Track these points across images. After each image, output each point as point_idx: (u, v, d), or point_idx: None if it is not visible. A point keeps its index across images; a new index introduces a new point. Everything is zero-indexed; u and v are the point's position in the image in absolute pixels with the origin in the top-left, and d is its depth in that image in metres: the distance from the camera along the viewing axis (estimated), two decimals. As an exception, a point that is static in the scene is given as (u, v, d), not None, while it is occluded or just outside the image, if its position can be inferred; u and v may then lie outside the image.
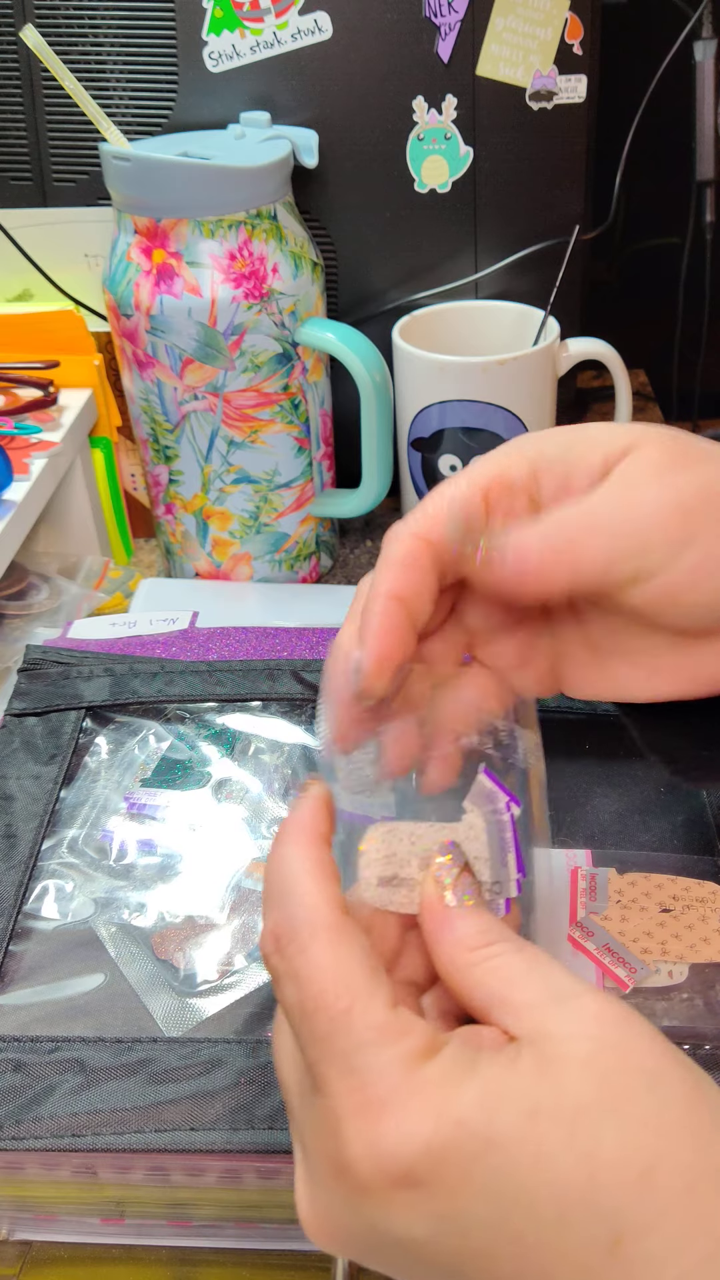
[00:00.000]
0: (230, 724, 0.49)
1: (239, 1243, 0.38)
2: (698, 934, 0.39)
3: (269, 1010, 0.38)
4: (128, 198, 0.64)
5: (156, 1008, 0.38)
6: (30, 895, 0.42)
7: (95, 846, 0.44)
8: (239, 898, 0.42)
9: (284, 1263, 0.38)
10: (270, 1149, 0.34)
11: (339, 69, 0.69)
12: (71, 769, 0.48)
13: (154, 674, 0.51)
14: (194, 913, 0.41)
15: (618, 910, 0.40)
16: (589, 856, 0.42)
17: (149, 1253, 0.39)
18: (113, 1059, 0.37)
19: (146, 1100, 0.35)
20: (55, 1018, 0.38)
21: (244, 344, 0.66)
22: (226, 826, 0.45)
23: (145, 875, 0.43)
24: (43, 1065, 0.36)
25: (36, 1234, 0.39)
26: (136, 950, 0.40)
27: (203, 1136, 0.34)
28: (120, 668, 0.51)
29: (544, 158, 0.74)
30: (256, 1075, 0.36)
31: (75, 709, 0.50)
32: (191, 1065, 0.36)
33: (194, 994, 0.39)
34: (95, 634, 0.58)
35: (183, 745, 0.48)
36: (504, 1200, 0.25)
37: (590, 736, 0.47)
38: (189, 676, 0.51)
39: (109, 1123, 0.35)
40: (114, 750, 0.48)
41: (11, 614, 0.72)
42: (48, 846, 0.44)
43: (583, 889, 0.41)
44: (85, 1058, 0.37)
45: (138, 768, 0.47)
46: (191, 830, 0.44)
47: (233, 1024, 0.38)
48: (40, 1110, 0.35)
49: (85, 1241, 0.39)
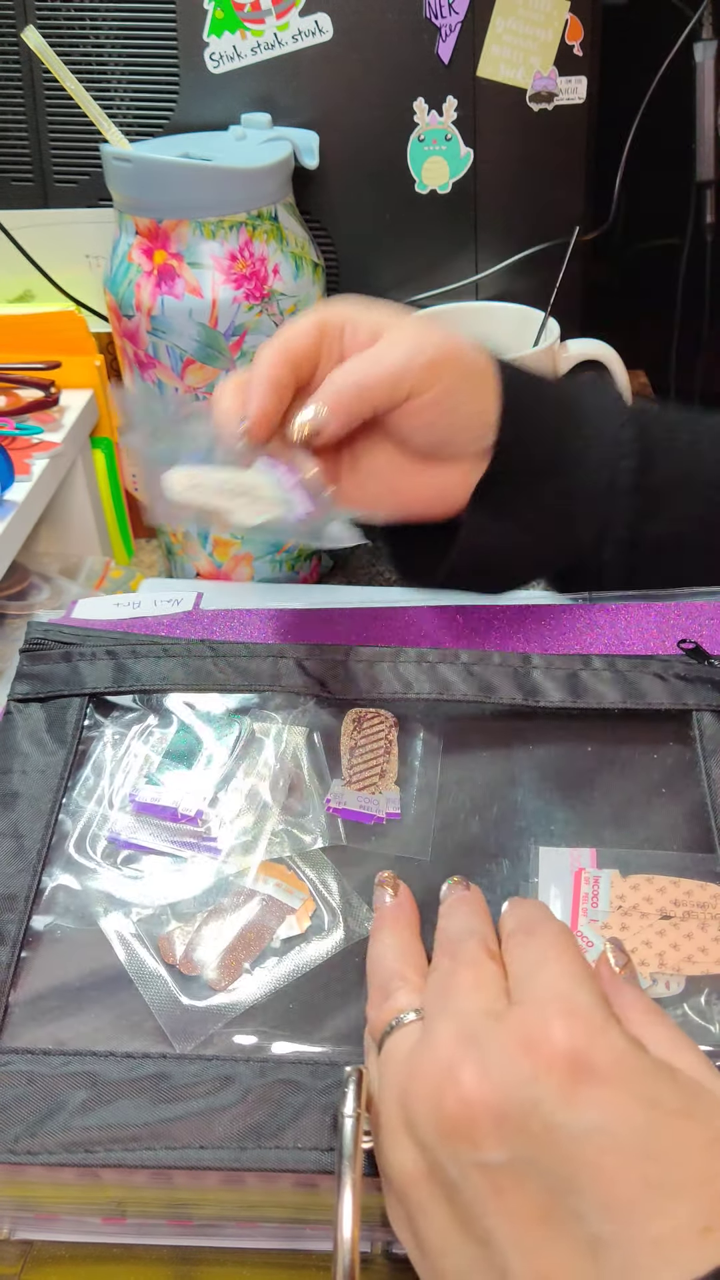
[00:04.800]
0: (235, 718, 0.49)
1: (240, 1242, 0.38)
2: (696, 943, 0.39)
3: (277, 1019, 0.38)
4: (129, 199, 0.64)
5: (165, 1018, 0.38)
6: (40, 897, 0.42)
7: (101, 847, 0.44)
8: (247, 900, 0.42)
9: (285, 1262, 0.38)
10: (278, 1169, 0.34)
11: (340, 70, 0.69)
12: (76, 763, 0.47)
13: (157, 657, 0.50)
14: (202, 915, 0.41)
15: (618, 918, 0.40)
16: (593, 856, 0.42)
17: (150, 1252, 0.39)
18: (122, 1074, 0.36)
19: (156, 1117, 0.35)
20: (66, 1025, 0.38)
21: (245, 345, 0.66)
22: (233, 826, 0.45)
23: (152, 876, 0.43)
24: (53, 1079, 0.36)
25: (37, 1233, 0.39)
26: (145, 955, 0.40)
27: (212, 1155, 0.34)
28: (123, 649, 0.51)
29: (544, 159, 0.74)
30: (265, 1093, 0.36)
31: (78, 695, 0.49)
32: (201, 1082, 0.36)
33: (202, 1001, 0.39)
34: (100, 614, 0.58)
35: (188, 739, 0.48)
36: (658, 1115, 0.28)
37: (591, 733, 0.47)
38: (192, 660, 0.50)
39: (118, 1139, 0.35)
40: (118, 742, 0.48)
41: (13, 614, 0.72)
42: (55, 846, 0.44)
43: (585, 894, 0.41)
44: (95, 1072, 0.36)
45: (143, 763, 0.47)
46: (197, 830, 0.44)
47: (241, 1035, 0.38)
48: (51, 1125, 0.35)
49: (86, 1241, 0.39)
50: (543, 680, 0.48)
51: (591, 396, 0.53)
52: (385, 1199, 0.33)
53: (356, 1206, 0.31)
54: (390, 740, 0.48)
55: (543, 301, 0.72)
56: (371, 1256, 0.37)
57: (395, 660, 0.49)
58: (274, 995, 0.39)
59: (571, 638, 0.53)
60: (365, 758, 0.47)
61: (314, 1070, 0.36)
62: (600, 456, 0.51)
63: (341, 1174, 0.31)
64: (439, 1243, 0.30)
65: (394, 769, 0.46)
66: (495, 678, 0.48)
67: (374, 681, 0.49)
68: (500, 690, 0.48)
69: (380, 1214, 0.36)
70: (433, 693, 0.48)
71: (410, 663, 0.49)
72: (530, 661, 0.49)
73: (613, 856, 0.42)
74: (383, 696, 0.48)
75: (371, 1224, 0.37)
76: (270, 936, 0.40)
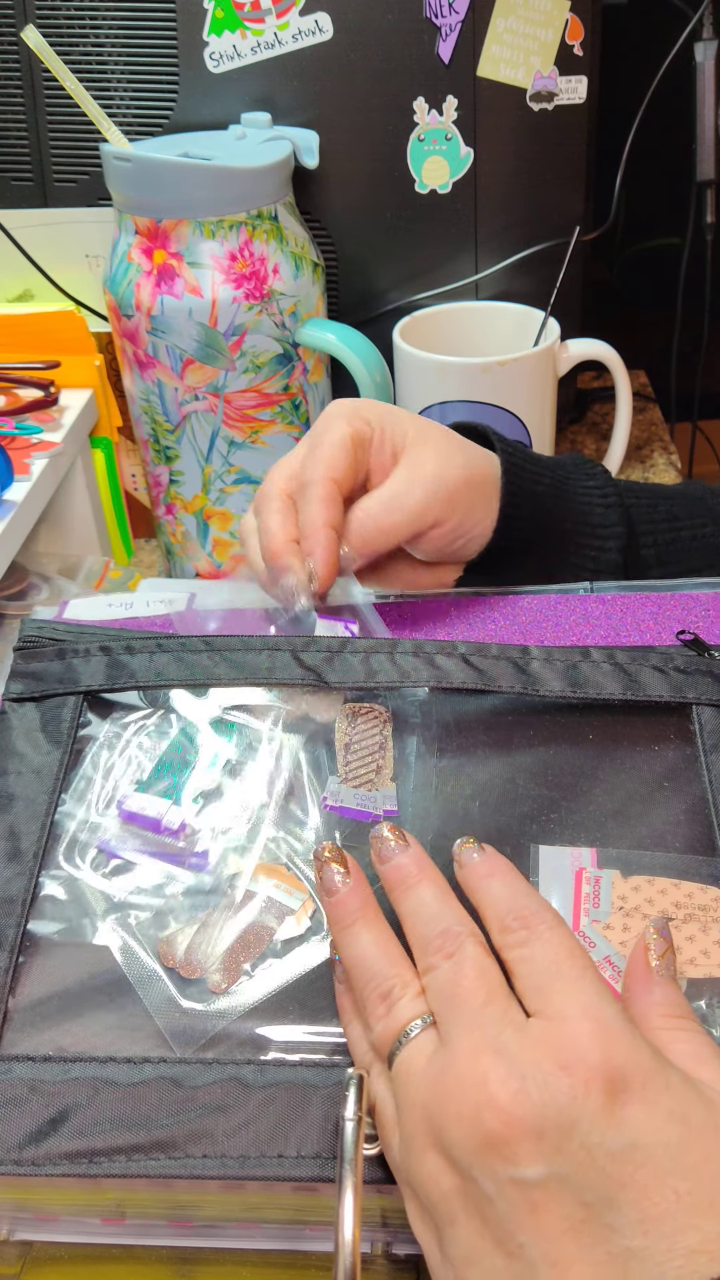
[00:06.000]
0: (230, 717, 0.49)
1: (240, 1243, 0.38)
2: (698, 946, 0.39)
3: (278, 1021, 0.38)
4: (129, 198, 0.64)
5: (166, 1022, 0.38)
6: (36, 900, 0.42)
7: (97, 849, 0.44)
8: (246, 901, 0.42)
9: (284, 1262, 0.38)
10: (281, 1178, 0.34)
11: (340, 70, 0.69)
12: (71, 764, 0.47)
13: (151, 653, 0.50)
14: (201, 918, 0.41)
15: (620, 919, 0.40)
16: (594, 856, 0.42)
17: (149, 1252, 0.38)
18: (125, 1079, 0.36)
19: (159, 1125, 0.35)
20: (66, 1030, 0.38)
21: (245, 344, 0.66)
22: (227, 836, 0.44)
23: (149, 878, 0.43)
24: (55, 1086, 0.36)
25: (37, 1234, 0.39)
26: (145, 958, 0.40)
27: (216, 1163, 0.34)
28: (117, 645, 0.51)
29: (544, 159, 0.74)
30: (269, 1096, 0.36)
31: (73, 694, 0.49)
32: (203, 1087, 0.36)
33: (203, 1004, 0.38)
34: (92, 614, 0.57)
35: (181, 743, 0.48)
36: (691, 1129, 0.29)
37: (591, 727, 0.47)
38: (187, 655, 0.50)
39: (122, 1149, 0.35)
40: (112, 744, 0.48)
41: (12, 614, 0.72)
42: (51, 849, 0.44)
43: (587, 894, 0.41)
44: (97, 1077, 0.36)
45: (134, 767, 0.47)
46: (194, 830, 0.44)
47: (243, 1037, 0.38)
48: (54, 1134, 0.35)
49: (86, 1242, 0.39)
50: (542, 671, 0.48)
51: (579, 478, 0.58)
52: (407, 1205, 0.33)
53: (358, 1209, 0.31)
54: (385, 736, 0.48)
55: (543, 301, 0.72)
56: (372, 1257, 0.37)
57: (392, 651, 0.49)
58: (275, 997, 0.39)
59: (568, 628, 0.53)
60: (361, 755, 0.47)
61: (317, 1072, 0.36)
62: (586, 541, 0.57)
63: (343, 1178, 0.31)
64: (466, 1253, 0.30)
65: (389, 765, 0.46)
66: (493, 669, 0.48)
67: (370, 672, 0.48)
68: (499, 680, 0.48)
69: (380, 1215, 0.36)
70: (430, 681, 0.48)
71: (407, 654, 0.49)
72: (529, 653, 0.49)
73: (613, 857, 0.42)
74: (380, 686, 0.48)
75: (372, 1225, 0.37)
76: (270, 938, 0.40)
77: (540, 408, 0.72)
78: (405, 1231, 0.37)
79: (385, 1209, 0.36)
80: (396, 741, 0.47)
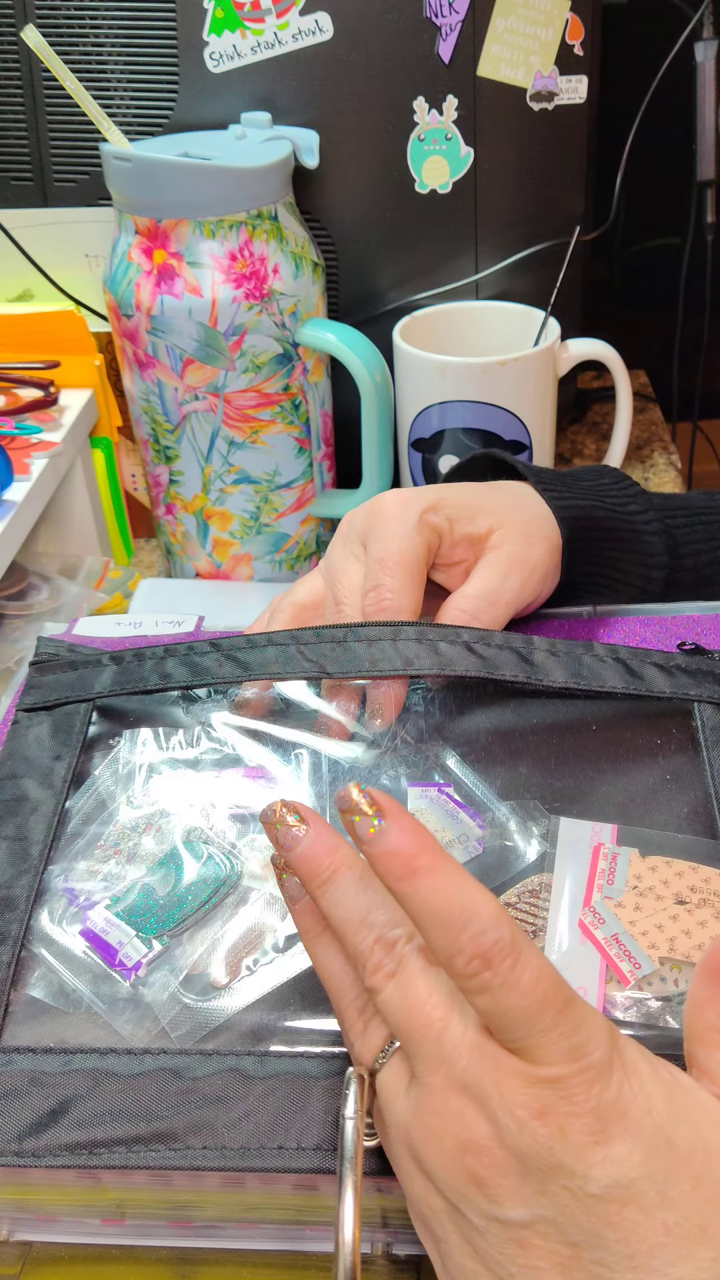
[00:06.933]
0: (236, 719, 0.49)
1: (240, 1243, 0.38)
2: (709, 931, 0.39)
3: (279, 1017, 0.38)
4: (128, 198, 0.64)
5: (166, 1015, 0.38)
6: (40, 898, 0.42)
7: (103, 849, 0.44)
8: (246, 897, 0.42)
9: (284, 1263, 0.38)
10: (281, 1169, 0.34)
11: (340, 69, 0.69)
12: (80, 768, 0.48)
13: (160, 658, 0.51)
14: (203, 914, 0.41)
15: (632, 897, 0.40)
16: (614, 833, 0.42)
17: (149, 1253, 0.38)
18: (125, 1070, 0.36)
19: (160, 1117, 0.35)
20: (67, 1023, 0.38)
21: (244, 344, 0.66)
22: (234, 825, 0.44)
23: (153, 876, 0.43)
24: (55, 1078, 0.36)
25: (37, 1235, 0.39)
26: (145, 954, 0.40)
27: (216, 1155, 0.34)
28: (127, 654, 0.52)
29: (545, 158, 0.74)
30: (269, 1091, 0.36)
31: (83, 701, 0.50)
32: (203, 1080, 0.36)
33: (204, 1000, 0.39)
34: (100, 633, 0.58)
35: (189, 740, 0.48)
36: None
37: (594, 717, 0.47)
38: (193, 657, 0.51)
39: (122, 1140, 0.35)
40: (122, 745, 0.48)
41: (12, 614, 0.72)
42: (57, 849, 0.44)
43: (602, 869, 0.41)
44: (98, 1069, 0.36)
45: (144, 768, 0.47)
46: (199, 829, 0.44)
47: (244, 1033, 0.38)
48: (55, 1125, 0.35)
49: (86, 1242, 0.39)
50: (545, 660, 0.48)
51: (618, 499, 0.56)
52: (409, 1210, 0.32)
53: (358, 1209, 0.31)
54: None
55: (543, 301, 0.72)
56: (372, 1257, 0.37)
57: (395, 639, 0.49)
58: (276, 993, 0.39)
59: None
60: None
61: (317, 1063, 0.36)
62: (635, 570, 0.56)
63: (343, 1176, 0.31)
64: (460, 1273, 0.30)
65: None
66: (497, 656, 0.48)
67: (374, 661, 0.48)
68: (502, 668, 0.48)
69: (381, 1215, 0.36)
70: (433, 668, 0.48)
71: (410, 640, 0.49)
72: (532, 643, 0.49)
73: (634, 835, 0.42)
74: (382, 674, 0.48)
75: (372, 1225, 0.37)
76: (273, 934, 0.40)
77: (540, 408, 0.72)
78: (405, 1231, 0.37)
79: (385, 1209, 0.36)
80: (398, 728, 0.48)
